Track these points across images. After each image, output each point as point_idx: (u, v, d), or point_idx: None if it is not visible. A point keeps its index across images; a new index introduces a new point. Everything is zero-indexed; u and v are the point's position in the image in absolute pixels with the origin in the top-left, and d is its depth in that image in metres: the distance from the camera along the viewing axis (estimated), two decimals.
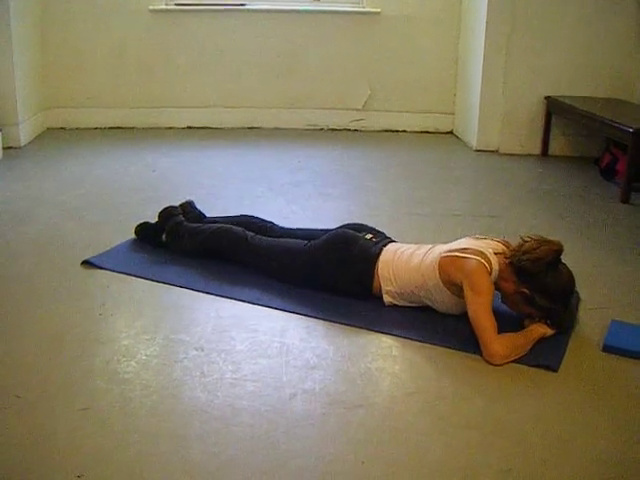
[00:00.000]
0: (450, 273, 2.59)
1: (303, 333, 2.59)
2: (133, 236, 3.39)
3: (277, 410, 2.11)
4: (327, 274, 2.86)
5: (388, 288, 2.77)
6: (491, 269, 2.54)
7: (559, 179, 4.83)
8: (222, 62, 5.94)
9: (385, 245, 2.87)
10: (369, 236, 2.90)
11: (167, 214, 3.34)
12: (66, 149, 5.24)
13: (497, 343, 2.38)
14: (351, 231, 2.92)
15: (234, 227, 3.16)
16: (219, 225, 3.22)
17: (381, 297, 2.79)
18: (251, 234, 3.11)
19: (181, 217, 3.34)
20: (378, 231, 2.99)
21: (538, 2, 5.24)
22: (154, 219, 3.46)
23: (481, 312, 2.45)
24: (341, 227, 3.00)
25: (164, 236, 3.29)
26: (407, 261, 2.75)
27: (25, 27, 5.34)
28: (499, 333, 2.42)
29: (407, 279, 2.72)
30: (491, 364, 2.37)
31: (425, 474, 1.85)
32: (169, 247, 3.27)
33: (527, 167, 5.14)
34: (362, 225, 3.02)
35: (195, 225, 3.28)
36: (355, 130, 6.14)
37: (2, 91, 5.06)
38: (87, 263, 3.10)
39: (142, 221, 3.41)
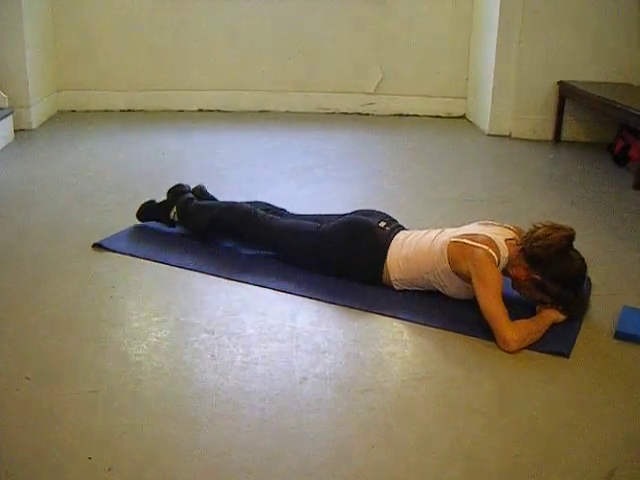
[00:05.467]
0: (458, 261, 2.57)
1: (314, 317, 2.59)
2: None
3: (287, 394, 2.11)
4: (335, 259, 2.85)
5: (397, 276, 2.75)
6: (499, 257, 2.52)
7: (571, 164, 4.80)
8: (233, 45, 5.92)
9: (396, 234, 2.85)
10: (382, 224, 2.86)
11: (177, 191, 3.31)
12: (77, 132, 5.24)
13: (511, 330, 2.36)
14: (365, 218, 2.88)
15: (245, 205, 3.14)
16: (230, 202, 3.20)
17: (390, 284, 2.78)
18: (262, 213, 3.08)
19: (191, 194, 3.31)
20: (391, 218, 2.97)
21: None
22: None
23: (491, 301, 2.44)
24: (354, 213, 2.98)
25: (173, 214, 3.25)
26: (415, 247, 2.73)
27: (36, 10, 5.34)
28: (511, 320, 2.40)
29: (416, 266, 2.70)
30: (506, 351, 2.36)
31: (434, 458, 1.85)
32: (180, 224, 3.24)
33: (539, 152, 5.11)
34: (374, 211, 2.98)
35: (206, 202, 3.26)
36: (366, 114, 6.11)
37: (14, 73, 5.06)
38: (98, 246, 3.11)
39: (145, 201, 3.36)
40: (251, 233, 3.08)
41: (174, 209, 3.26)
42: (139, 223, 3.35)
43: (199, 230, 3.19)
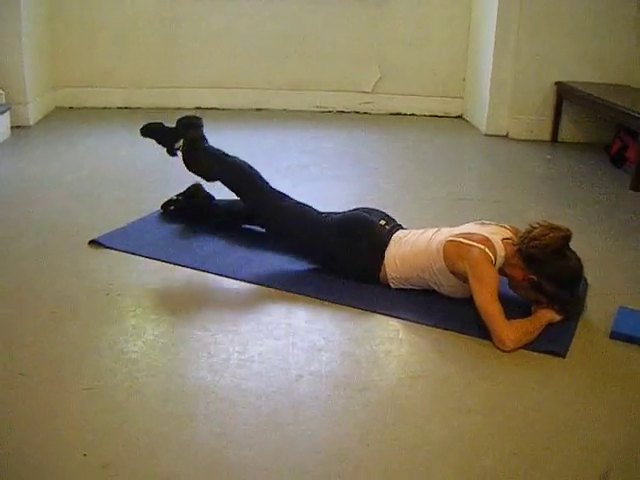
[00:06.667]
0: (454, 260, 2.57)
1: (309, 315, 2.59)
2: (141, 216, 3.39)
3: (283, 391, 2.11)
4: (334, 254, 2.84)
5: (393, 274, 2.76)
6: (495, 256, 2.53)
7: (568, 165, 4.81)
8: (231, 43, 5.92)
9: (394, 233, 2.85)
10: (382, 222, 2.86)
11: (188, 124, 3.20)
12: (74, 129, 5.24)
13: (507, 330, 2.36)
14: (368, 216, 2.87)
15: (256, 172, 3.06)
16: (242, 165, 3.09)
17: (386, 282, 2.79)
18: (272, 188, 3.02)
19: (203, 131, 3.20)
20: (390, 217, 2.96)
21: None
22: (160, 200, 3.46)
23: (487, 301, 2.44)
24: (353, 210, 2.95)
25: (178, 145, 3.16)
26: (412, 246, 2.73)
27: (35, 6, 5.32)
28: (507, 319, 2.40)
29: (413, 265, 2.71)
30: (502, 351, 2.36)
31: (430, 457, 1.86)
32: (183, 159, 3.15)
33: (536, 153, 5.12)
34: (373, 210, 2.97)
35: (217, 152, 3.15)
36: (364, 113, 6.11)
37: (11, 70, 5.05)
38: (95, 243, 3.10)
39: (153, 121, 3.29)
40: (255, 201, 3.03)
41: (181, 141, 3.17)
42: (136, 220, 3.35)
43: (202, 174, 3.14)
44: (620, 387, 2.23)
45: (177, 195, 3.43)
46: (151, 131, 3.27)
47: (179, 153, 3.20)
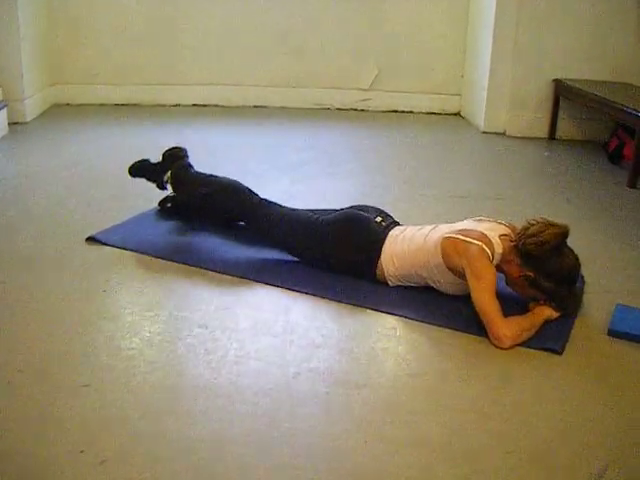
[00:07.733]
0: (452, 257, 2.57)
1: (307, 312, 2.59)
2: (138, 212, 3.39)
3: (281, 389, 2.11)
4: (331, 252, 2.83)
5: (391, 272, 2.75)
6: (493, 253, 2.52)
7: (566, 162, 4.81)
8: (229, 39, 5.91)
9: (391, 230, 2.85)
10: (379, 219, 2.86)
11: (174, 155, 3.26)
12: (71, 125, 5.22)
13: (504, 327, 2.36)
14: (363, 213, 2.87)
15: (242, 186, 3.10)
16: (228, 182, 3.14)
17: (384, 280, 2.78)
18: (259, 198, 3.05)
19: (188, 161, 3.26)
20: (386, 213, 2.96)
21: None
22: (157, 197, 3.45)
23: (485, 297, 2.44)
24: (349, 208, 2.96)
25: (166, 177, 3.22)
26: (409, 243, 2.73)
27: (32, 3, 5.31)
28: (505, 316, 2.40)
29: (410, 262, 2.70)
30: (499, 348, 2.36)
31: (427, 454, 1.86)
32: (172, 190, 3.21)
33: (534, 150, 5.12)
34: (370, 207, 2.97)
35: (203, 175, 3.20)
36: (362, 110, 6.11)
37: (8, 66, 5.04)
38: (92, 239, 3.10)
39: (140, 159, 3.35)
40: (246, 219, 3.07)
41: (168, 173, 3.22)
42: (133, 217, 3.35)
43: (190, 202, 3.18)
44: (617, 384, 2.23)
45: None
46: (138, 170, 3.35)
47: (168, 186, 3.27)
